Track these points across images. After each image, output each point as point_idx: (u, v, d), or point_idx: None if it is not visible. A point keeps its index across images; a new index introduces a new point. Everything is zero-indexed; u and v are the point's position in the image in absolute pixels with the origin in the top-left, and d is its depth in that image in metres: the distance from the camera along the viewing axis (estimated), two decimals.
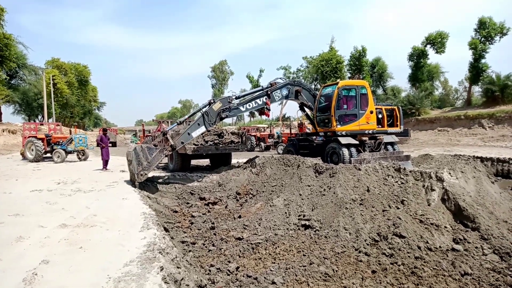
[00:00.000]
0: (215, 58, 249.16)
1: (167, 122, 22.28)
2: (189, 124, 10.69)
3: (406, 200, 6.65)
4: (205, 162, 16.30)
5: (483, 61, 34.64)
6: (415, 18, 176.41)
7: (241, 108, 10.87)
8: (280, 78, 12.02)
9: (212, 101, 10.39)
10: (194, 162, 15.79)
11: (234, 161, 14.83)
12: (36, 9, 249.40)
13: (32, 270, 3.74)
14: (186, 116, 12.22)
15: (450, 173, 7.46)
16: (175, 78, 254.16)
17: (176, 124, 10.82)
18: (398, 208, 6.50)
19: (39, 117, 49.38)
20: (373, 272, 4.83)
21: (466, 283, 4.53)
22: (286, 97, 11.88)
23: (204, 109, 10.36)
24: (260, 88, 11.61)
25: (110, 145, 21.30)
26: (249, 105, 11.04)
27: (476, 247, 5.50)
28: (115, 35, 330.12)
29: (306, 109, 12.90)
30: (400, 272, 4.80)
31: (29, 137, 19.53)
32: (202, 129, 10.11)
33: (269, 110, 11.48)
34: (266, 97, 11.14)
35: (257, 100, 11.05)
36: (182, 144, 9.79)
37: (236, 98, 11.26)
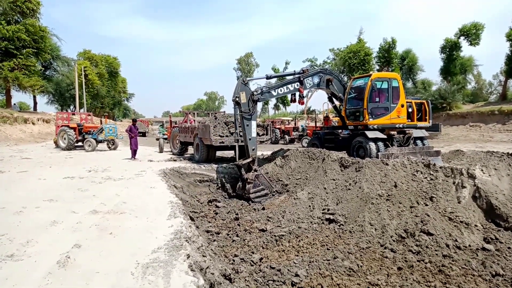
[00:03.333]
0: (241, 50, 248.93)
1: (193, 113, 22.55)
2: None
3: (435, 197, 6.47)
4: (230, 153, 16.42)
5: None
6: (447, 8, 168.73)
7: (273, 92, 10.59)
8: (310, 66, 11.72)
9: (236, 98, 9.63)
10: (219, 153, 15.96)
11: (258, 153, 14.84)
12: (68, 1, 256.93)
13: (65, 254, 3.92)
14: (236, 127, 11.86)
15: (482, 170, 7.17)
16: (201, 70, 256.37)
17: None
18: (426, 205, 6.33)
19: (71, 107, 51.22)
20: (399, 269, 4.75)
21: (498, 284, 4.36)
22: (317, 85, 11.49)
23: (238, 112, 10.01)
24: (292, 72, 11.28)
25: (140, 135, 21.83)
26: (281, 90, 10.71)
27: (509, 247, 5.29)
28: (143, 27, 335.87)
29: (335, 101, 12.57)
30: (427, 270, 4.69)
31: (62, 126, 20.31)
32: (253, 124, 9.88)
33: (302, 97, 11.12)
34: (298, 83, 10.77)
35: (289, 86, 10.70)
36: (254, 150, 9.77)
37: (268, 78, 11.46)
